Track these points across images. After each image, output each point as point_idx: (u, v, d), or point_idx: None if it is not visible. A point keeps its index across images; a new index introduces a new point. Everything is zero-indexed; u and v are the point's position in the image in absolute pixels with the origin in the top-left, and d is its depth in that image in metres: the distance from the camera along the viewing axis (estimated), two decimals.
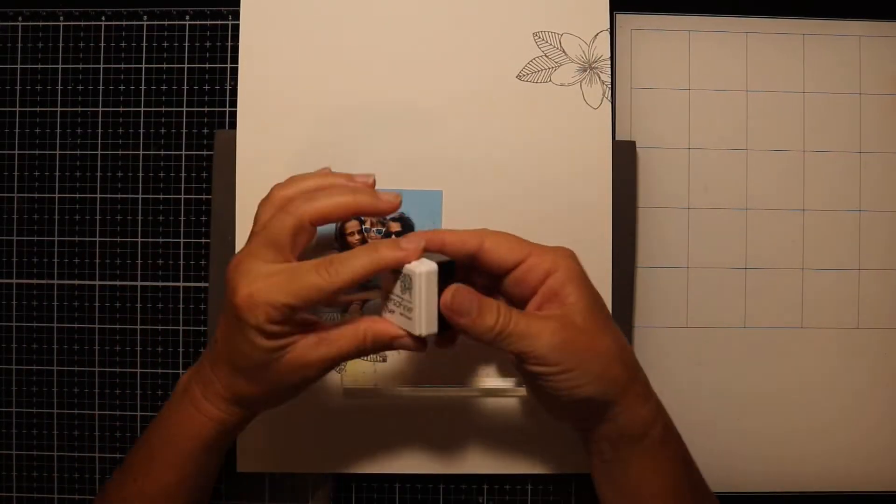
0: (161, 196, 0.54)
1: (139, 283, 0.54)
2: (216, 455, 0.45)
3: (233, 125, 0.53)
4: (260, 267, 0.39)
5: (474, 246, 0.41)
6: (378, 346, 0.42)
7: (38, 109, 0.54)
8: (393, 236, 0.51)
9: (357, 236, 0.51)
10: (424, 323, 0.40)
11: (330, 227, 0.51)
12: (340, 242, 0.51)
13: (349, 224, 0.51)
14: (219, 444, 0.45)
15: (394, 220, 0.51)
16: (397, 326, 0.41)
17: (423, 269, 0.40)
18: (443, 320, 0.41)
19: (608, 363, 0.40)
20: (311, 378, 0.42)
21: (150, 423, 0.45)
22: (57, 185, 0.54)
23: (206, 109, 0.54)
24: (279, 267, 0.39)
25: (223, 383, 0.42)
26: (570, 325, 0.40)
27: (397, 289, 0.41)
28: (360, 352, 0.41)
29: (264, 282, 0.39)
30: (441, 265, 0.40)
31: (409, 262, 0.40)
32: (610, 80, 0.51)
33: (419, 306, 0.40)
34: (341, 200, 0.41)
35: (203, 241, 0.54)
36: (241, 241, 0.50)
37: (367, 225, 0.51)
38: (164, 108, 0.54)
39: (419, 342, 0.41)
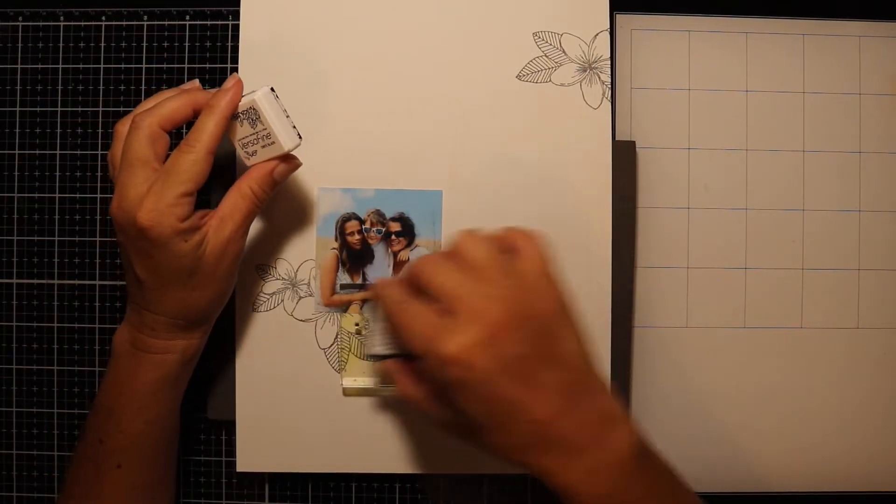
0: None
1: None
2: (177, 392, 0.47)
3: None
4: (137, 189, 0.41)
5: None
6: (265, 188, 0.45)
7: (38, 109, 0.54)
8: (393, 236, 0.51)
9: (357, 236, 0.51)
10: (286, 138, 0.43)
11: (330, 228, 0.51)
12: (341, 240, 0.51)
13: (348, 224, 0.51)
14: (180, 378, 0.47)
15: (393, 219, 0.51)
16: (269, 161, 0.44)
17: (259, 94, 0.43)
18: None
19: (498, 456, 0.40)
20: (237, 253, 0.45)
21: (100, 389, 0.46)
22: (57, 185, 0.54)
23: None
24: (152, 178, 0.42)
25: (170, 311, 0.44)
26: (448, 421, 0.42)
27: (245, 129, 0.44)
28: (258, 204, 0.45)
29: (151, 195, 0.41)
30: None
31: (239, 99, 0.43)
32: (610, 80, 0.51)
33: (274, 126, 0.43)
34: (178, 102, 0.43)
35: None
36: None
37: (367, 225, 0.51)
38: None
39: (292, 160, 0.45)
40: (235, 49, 0.52)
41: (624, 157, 0.52)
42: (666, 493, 0.40)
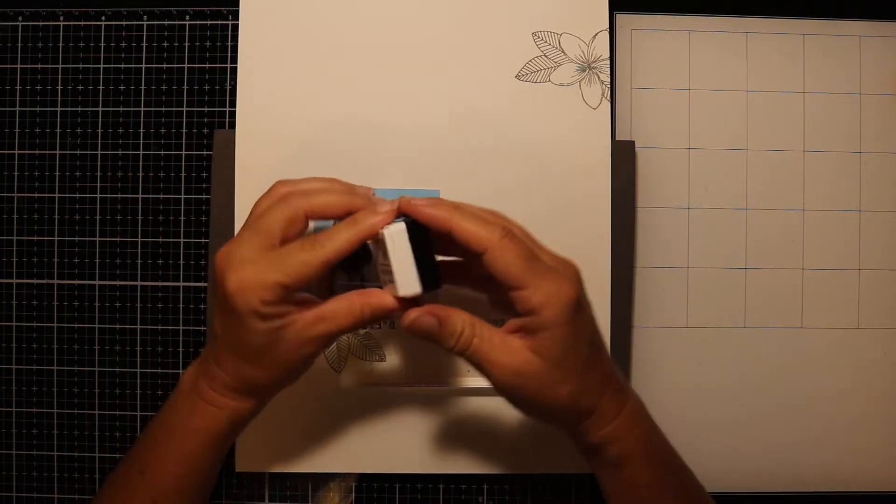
0: (161, 196, 0.54)
1: (139, 283, 0.54)
2: (223, 448, 0.46)
3: (232, 125, 0.53)
4: (247, 252, 0.40)
5: (444, 229, 0.41)
6: (375, 317, 0.42)
7: (38, 109, 0.54)
8: None
9: None
10: (402, 283, 0.41)
11: (327, 227, 0.50)
12: None
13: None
14: (228, 437, 0.45)
15: None
16: (390, 296, 0.42)
17: (390, 230, 0.40)
18: (431, 276, 0.41)
19: (556, 408, 0.42)
20: (314, 353, 0.43)
21: (156, 416, 0.45)
22: (57, 185, 0.54)
23: (205, 109, 0.54)
24: (266, 251, 0.41)
25: (230, 373, 0.43)
26: (530, 369, 0.40)
27: (380, 257, 0.42)
28: (358, 325, 0.42)
29: (252, 265, 0.40)
30: (410, 224, 0.41)
31: (384, 226, 0.41)
32: (609, 79, 0.51)
33: (395, 267, 0.41)
34: (337, 199, 0.42)
35: (203, 240, 0.54)
36: None
37: None
38: (164, 108, 0.54)
39: (407, 304, 0.42)
40: (235, 49, 0.52)
41: (623, 156, 0.52)
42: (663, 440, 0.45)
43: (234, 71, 0.53)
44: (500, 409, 0.51)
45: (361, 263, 0.51)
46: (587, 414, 0.42)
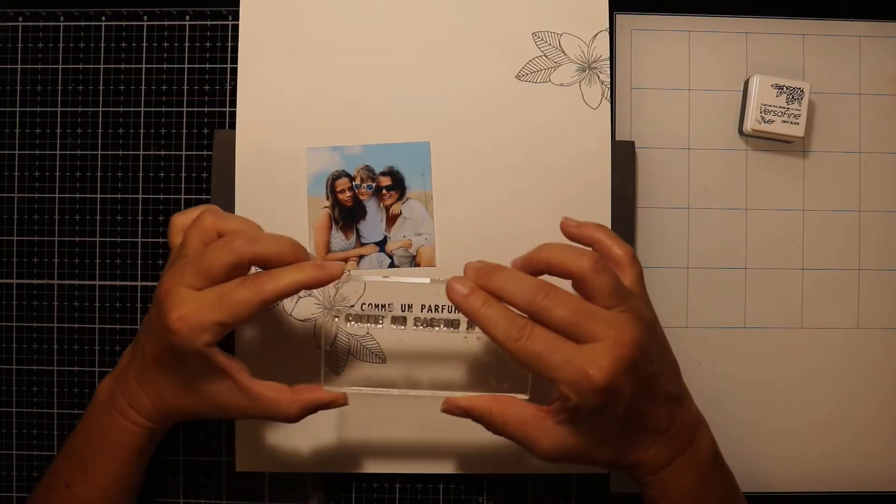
0: (161, 196, 0.54)
1: (139, 284, 0.54)
2: (143, 460, 0.47)
3: (232, 125, 0.53)
4: (188, 291, 0.41)
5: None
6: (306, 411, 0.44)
7: (38, 109, 0.54)
8: (384, 191, 0.51)
9: (348, 193, 0.51)
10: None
11: (320, 188, 0.51)
12: (332, 199, 0.51)
13: (339, 182, 0.51)
14: (146, 450, 0.46)
15: (383, 174, 0.51)
16: (325, 391, 0.45)
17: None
18: None
19: (599, 465, 0.43)
20: (229, 416, 0.45)
21: (77, 428, 0.46)
22: (57, 185, 0.54)
23: (205, 109, 0.54)
24: (206, 289, 0.41)
25: (151, 399, 0.44)
26: (565, 443, 0.41)
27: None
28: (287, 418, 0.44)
29: (195, 304, 0.40)
30: None
31: (331, 278, 0.41)
32: (609, 80, 0.51)
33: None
34: (283, 248, 0.42)
35: None
36: None
37: (357, 181, 0.51)
38: (164, 108, 0.54)
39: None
40: (235, 49, 0.53)
41: (623, 157, 0.52)
42: (733, 488, 0.46)
43: (234, 71, 0.53)
44: None
45: (355, 220, 0.51)
46: (631, 467, 0.43)
